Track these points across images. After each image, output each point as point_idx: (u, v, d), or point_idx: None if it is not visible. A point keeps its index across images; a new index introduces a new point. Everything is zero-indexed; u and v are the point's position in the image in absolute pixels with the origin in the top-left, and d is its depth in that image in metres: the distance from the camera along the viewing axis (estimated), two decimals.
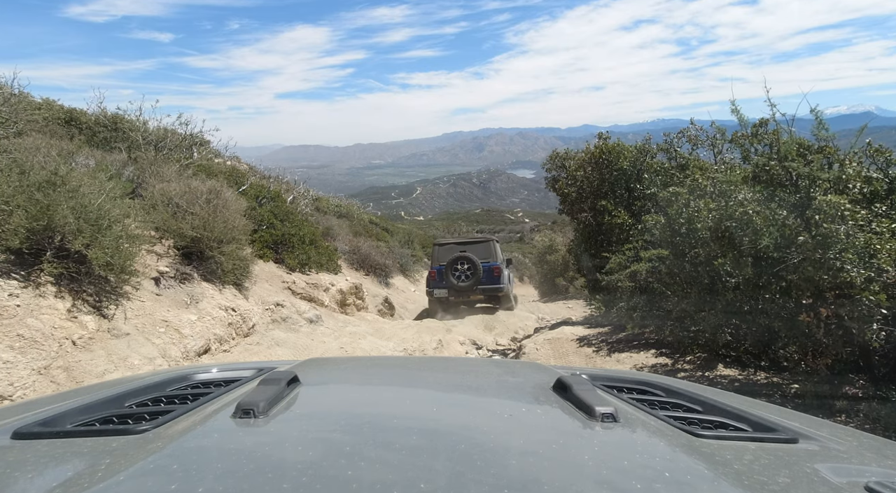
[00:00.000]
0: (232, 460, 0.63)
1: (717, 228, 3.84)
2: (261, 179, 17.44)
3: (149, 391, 1.01)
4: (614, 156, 6.63)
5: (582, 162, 7.18)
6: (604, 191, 6.66)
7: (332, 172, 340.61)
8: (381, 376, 1.24)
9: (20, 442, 0.71)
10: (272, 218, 8.72)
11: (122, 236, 4.14)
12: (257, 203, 8.93)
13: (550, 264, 20.75)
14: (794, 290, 3.40)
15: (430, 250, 12.18)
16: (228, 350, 4.82)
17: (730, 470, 0.64)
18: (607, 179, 6.70)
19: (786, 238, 3.39)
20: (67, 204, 3.76)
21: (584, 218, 7.01)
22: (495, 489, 0.54)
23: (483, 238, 11.08)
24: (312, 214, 18.80)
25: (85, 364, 3.32)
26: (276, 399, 0.84)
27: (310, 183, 26.94)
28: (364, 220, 24.02)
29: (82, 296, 3.82)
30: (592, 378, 1.13)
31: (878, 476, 0.64)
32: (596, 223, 6.76)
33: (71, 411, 0.83)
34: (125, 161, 6.68)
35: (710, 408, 0.96)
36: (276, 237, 8.60)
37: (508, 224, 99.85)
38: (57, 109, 11.22)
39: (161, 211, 5.30)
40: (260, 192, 9.18)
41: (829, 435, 0.85)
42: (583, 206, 6.98)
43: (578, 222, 7.37)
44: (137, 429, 0.73)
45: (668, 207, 4.67)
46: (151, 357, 3.79)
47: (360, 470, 0.58)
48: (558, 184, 7.93)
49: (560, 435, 0.77)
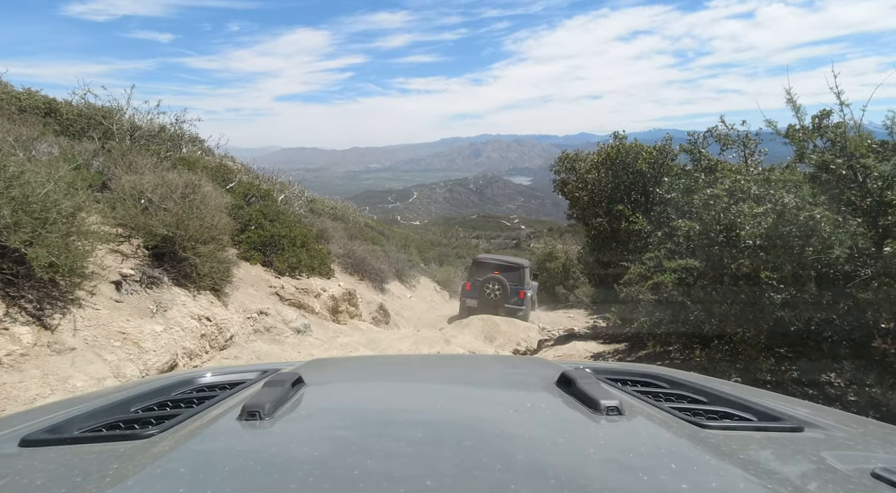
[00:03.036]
0: (239, 462, 0.63)
1: (769, 235, 3.29)
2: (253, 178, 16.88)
3: (154, 396, 1.01)
4: (631, 157, 6.07)
5: (594, 164, 6.62)
6: (618, 195, 6.11)
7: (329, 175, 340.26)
8: (385, 375, 1.25)
9: (28, 450, 0.71)
10: (261, 218, 8.12)
11: (75, 233, 3.54)
12: (245, 202, 8.33)
13: (550, 271, 20.21)
14: (870, 310, 2.84)
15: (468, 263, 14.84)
16: (199, 366, 4.20)
17: (736, 460, 0.64)
18: (623, 182, 6.15)
19: (860, 249, 2.84)
20: (6, 194, 3.17)
21: (598, 224, 6.43)
22: (502, 483, 0.54)
23: (516, 265, 12.48)
24: (307, 215, 18.20)
25: (10, 388, 2.71)
26: (282, 401, 0.83)
27: (307, 185, 26.58)
28: (360, 223, 23.45)
29: (19, 303, 3.21)
30: (596, 372, 1.13)
31: (885, 463, 0.63)
32: (611, 230, 6.18)
33: (77, 417, 0.84)
34: (96, 150, 6.07)
35: (714, 399, 0.95)
36: (265, 239, 8.00)
37: (505, 230, 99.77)
38: (39, 99, 10.61)
39: (129, 206, 4.69)
40: (249, 190, 8.58)
41: (834, 423, 0.84)
42: (596, 210, 6.40)
43: (590, 228, 6.79)
44: (144, 434, 0.73)
45: (702, 211, 4.12)
46: (100, 377, 3.17)
47: (366, 469, 0.58)
48: (567, 187, 7.37)
49: (565, 429, 0.77)
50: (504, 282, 11.52)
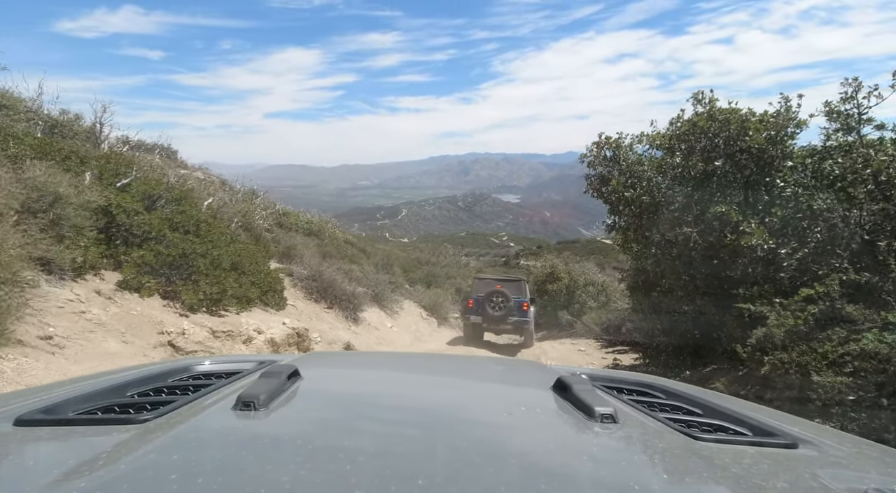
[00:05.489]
0: (232, 451, 0.63)
1: None
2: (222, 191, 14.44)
3: (151, 381, 1.01)
4: (735, 127, 3.75)
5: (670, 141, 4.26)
6: (716, 189, 3.77)
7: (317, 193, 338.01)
8: (382, 372, 1.25)
9: (22, 429, 0.70)
10: (164, 228, 5.63)
11: None
12: (144, 207, 5.84)
13: (552, 294, 17.83)
14: None
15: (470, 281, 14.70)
16: None
17: (728, 474, 0.64)
18: (718, 170, 3.82)
19: None
20: None
21: (678, 236, 4.02)
22: (493, 485, 0.54)
23: (516, 278, 12.95)
24: (272, 229, 15.70)
25: None
26: (277, 392, 0.83)
27: (295, 202, 25.03)
28: (338, 239, 20.94)
29: None
30: (592, 378, 1.11)
31: (878, 484, 0.63)
32: (705, 246, 3.82)
33: (73, 398, 0.83)
34: None
35: (710, 411, 0.95)
36: (170, 259, 5.50)
37: (493, 248, 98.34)
38: None
39: None
40: (154, 189, 6.08)
41: (829, 441, 0.83)
42: (677, 216, 3.98)
43: (658, 245, 4.37)
44: (139, 418, 0.72)
45: None
46: None
47: (359, 465, 0.58)
48: (610, 185, 5.01)
49: (559, 435, 0.78)
50: (507, 295, 11.29)
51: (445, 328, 16.36)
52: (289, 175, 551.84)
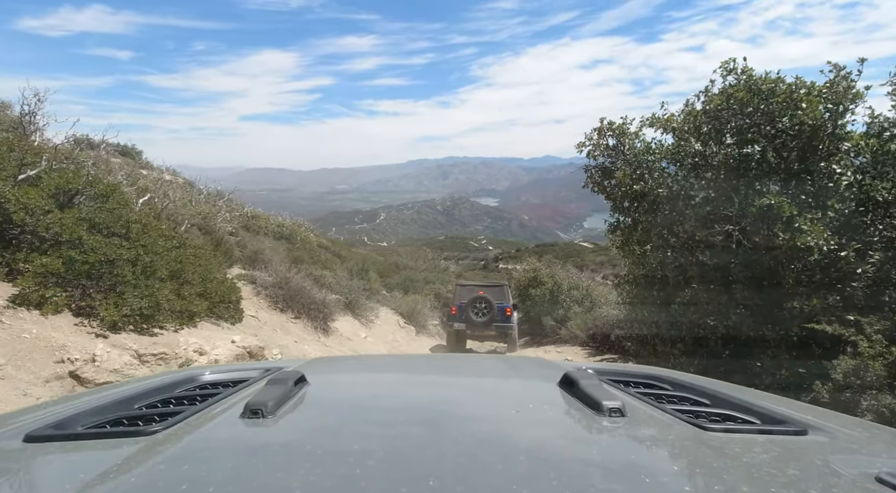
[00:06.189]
0: (241, 459, 0.62)
1: None
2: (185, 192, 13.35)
3: (157, 393, 1.00)
4: (782, 100, 3.00)
5: (691, 120, 3.49)
6: (748, 180, 3.01)
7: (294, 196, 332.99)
8: (387, 374, 1.24)
9: (32, 445, 0.70)
10: (80, 230, 4.62)
11: None
12: (57, 204, 4.81)
13: (535, 299, 17.10)
14: None
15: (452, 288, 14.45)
16: None
17: (739, 463, 0.63)
18: (756, 155, 3.09)
19: None
20: None
21: (723, 234, 3.21)
22: (503, 483, 0.53)
23: (498, 283, 12.82)
24: (236, 232, 14.57)
25: None
26: (284, 399, 0.82)
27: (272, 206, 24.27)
28: (311, 243, 19.85)
29: None
30: (598, 373, 1.10)
31: (889, 467, 0.61)
32: (752, 248, 3.06)
33: (82, 413, 0.82)
34: None
35: (718, 401, 0.94)
36: (86, 266, 4.49)
37: (472, 251, 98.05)
38: None
39: None
40: (71, 183, 5.04)
41: (838, 427, 0.82)
42: (717, 211, 3.16)
43: (683, 247, 3.54)
44: (147, 430, 0.72)
45: None
46: None
47: (368, 468, 0.57)
48: (615, 177, 4.24)
49: (568, 430, 0.77)
50: (490, 301, 11.28)
51: (424, 336, 15.45)
52: (266, 179, 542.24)
